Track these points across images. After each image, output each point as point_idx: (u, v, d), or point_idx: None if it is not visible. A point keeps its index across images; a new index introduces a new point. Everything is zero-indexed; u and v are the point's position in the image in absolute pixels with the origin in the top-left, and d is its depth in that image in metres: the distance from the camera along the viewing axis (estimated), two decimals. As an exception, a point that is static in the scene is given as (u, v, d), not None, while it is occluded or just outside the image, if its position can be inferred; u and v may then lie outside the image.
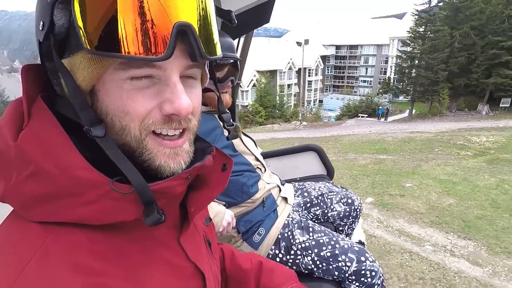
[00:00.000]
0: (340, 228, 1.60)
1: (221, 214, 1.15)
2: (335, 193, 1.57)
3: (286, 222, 1.34)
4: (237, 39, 1.99)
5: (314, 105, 46.61)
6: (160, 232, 0.48)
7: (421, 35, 26.74)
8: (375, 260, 1.20)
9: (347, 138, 14.25)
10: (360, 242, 1.74)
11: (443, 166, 6.97)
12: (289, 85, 42.85)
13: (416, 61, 27.18)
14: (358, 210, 1.58)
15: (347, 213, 1.55)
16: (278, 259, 1.27)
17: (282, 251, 1.28)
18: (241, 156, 1.34)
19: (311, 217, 1.55)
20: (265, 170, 1.43)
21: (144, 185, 0.39)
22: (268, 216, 1.33)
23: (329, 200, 1.55)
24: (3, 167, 0.38)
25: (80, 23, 0.34)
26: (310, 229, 1.29)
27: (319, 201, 1.55)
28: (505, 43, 22.28)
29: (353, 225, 1.62)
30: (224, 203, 1.26)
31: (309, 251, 1.24)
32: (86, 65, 0.37)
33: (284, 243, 1.29)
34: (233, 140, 1.28)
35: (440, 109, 26.15)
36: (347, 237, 1.59)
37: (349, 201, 1.56)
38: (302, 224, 1.32)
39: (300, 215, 1.50)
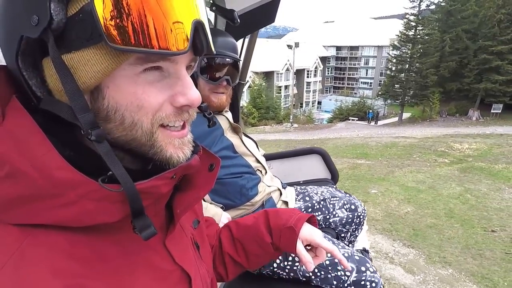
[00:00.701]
0: (342, 235, 1.56)
1: (218, 217, 1.13)
2: (338, 198, 1.53)
3: None
4: (242, 39, 1.97)
5: (312, 106, 46.66)
6: None
7: (411, 39, 26.68)
8: (376, 271, 1.16)
9: (332, 141, 14.28)
10: (364, 250, 1.70)
11: (415, 173, 7.01)
12: (286, 86, 42.95)
13: (406, 65, 27.07)
14: (361, 216, 1.54)
15: (350, 220, 1.51)
16: (275, 265, 1.23)
17: (280, 257, 1.25)
18: (241, 157, 1.31)
19: None
20: (266, 172, 1.41)
21: (131, 185, 0.38)
22: None
23: (331, 206, 1.51)
24: None
25: (104, 16, 0.33)
26: None
27: (321, 206, 1.51)
28: (495, 48, 21.89)
29: (356, 232, 1.59)
30: (222, 205, 1.24)
31: None
32: (99, 61, 0.36)
33: None
34: (233, 141, 1.28)
35: (430, 114, 25.90)
36: (350, 245, 1.58)
37: (352, 207, 1.52)
38: None
39: None
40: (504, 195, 5.08)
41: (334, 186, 1.71)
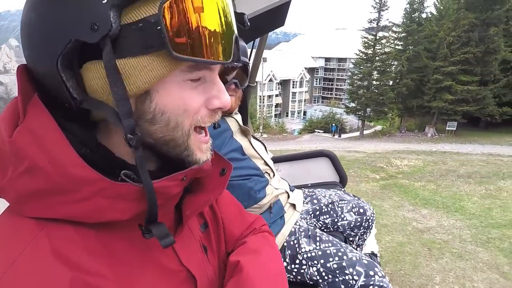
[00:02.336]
0: (351, 239, 1.53)
1: None
2: (346, 201, 1.51)
3: (293, 229, 1.31)
4: (251, 42, 1.98)
5: (298, 115, 47.66)
6: None
7: (369, 58, 27.70)
8: (385, 276, 1.15)
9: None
10: (373, 254, 1.68)
11: (338, 187, 7.18)
12: (269, 96, 44.27)
13: (365, 82, 28.02)
14: (370, 220, 1.51)
15: (358, 223, 1.49)
16: None
17: (287, 260, 1.24)
18: (250, 160, 1.31)
19: (320, 225, 1.49)
20: (274, 175, 1.40)
21: (150, 186, 0.41)
22: (274, 222, 1.30)
23: (339, 209, 1.49)
24: None
25: (169, 28, 0.36)
26: (318, 238, 1.25)
27: (329, 209, 1.49)
28: (446, 69, 22.66)
29: (365, 235, 1.56)
30: None
31: (315, 262, 1.19)
32: (155, 67, 0.38)
33: (289, 251, 1.25)
34: (242, 144, 1.27)
35: (388, 129, 26.79)
36: (358, 248, 1.55)
37: (361, 210, 1.50)
38: (310, 233, 1.28)
39: (308, 223, 1.45)
40: (400, 212, 4.97)
41: (343, 189, 1.70)
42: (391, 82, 27.25)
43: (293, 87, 46.55)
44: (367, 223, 1.51)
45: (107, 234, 0.43)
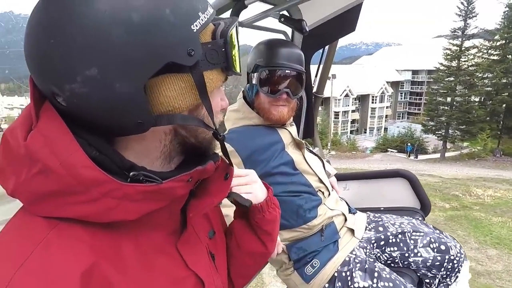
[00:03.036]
0: (427, 280, 1.27)
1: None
2: (422, 233, 1.26)
3: (348, 259, 1.16)
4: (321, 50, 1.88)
5: (378, 132, 44.91)
6: (159, 236, 0.51)
7: (452, 71, 24.64)
8: None
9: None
10: None
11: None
12: (345, 112, 42.95)
13: (448, 99, 24.82)
14: (456, 261, 1.23)
15: (438, 263, 1.22)
16: None
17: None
18: (302, 175, 1.21)
19: (385, 258, 1.28)
20: (329, 194, 1.27)
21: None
22: (326, 247, 1.17)
23: (412, 242, 1.25)
24: (14, 165, 0.40)
25: (234, 52, 0.49)
26: (376, 274, 1.08)
27: (397, 240, 1.27)
28: None
29: (448, 280, 1.27)
30: None
31: None
32: (217, 79, 0.49)
33: (340, 283, 1.11)
34: (294, 157, 1.20)
35: (478, 152, 22.96)
36: None
37: (442, 247, 1.23)
38: (367, 266, 1.11)
39: (368, 253, 1.25)
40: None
41: (420, 219, 1.44)
42: (479, 98, 23.98)
43: (372, 102, 43.99)
44: (451, 264, 1.23)
45: (116, 234, 0.44)
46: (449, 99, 24.80)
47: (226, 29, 0.48)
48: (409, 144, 28.70)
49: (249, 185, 0.71)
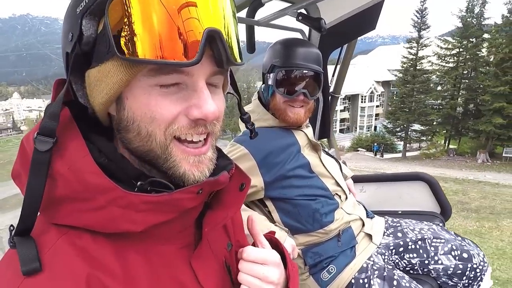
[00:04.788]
0: None
1: (280, 241, 1.01)
2: (443, 240, 1.21)
3: (365, 265, 1.12)
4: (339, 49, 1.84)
5: (368, 130, 46.24)
6: (169, 249, 0.47)
7: (407, 79, 26.12)
8: None
9: None
10: None
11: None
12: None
13: (406, 103, 26.34)
14: (478, 270, 1.17)
15: (460, 271, 1.17)
16: None
17: None
18: (318, 178, 1.17)
19: (404, 265, 1.23)
20: (346, 198, 1.23)
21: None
22: (343, 253, 1.14)
23: (432, 248, 1.20)
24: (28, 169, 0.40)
25: (112, 30, 0.36)
26: (395, 282, 1.04)
27: (417, 246, 1.22)
28: (495, 89, 19.79)
29: None
30: (287, 229, 1.13)
31: None
32: (116, 72, 0.38)
33: None
34: (310, 160, 1.16)
35: (434, 153, 25.01)
36: None
37: (465, 255, 1.17)
38: (385, 273, 1.07)
39: (386, 260, 1.21)
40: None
41: (441, 224, 1.39)
42: (439, 101, 25.65)
43: (362, 102, 44.68)
44: (473, 272, 1.17)
45: (123, 246, 0.42)
46: (406, 103, 26.32)
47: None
48: (375, 144, 30.27)
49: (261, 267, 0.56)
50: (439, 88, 25.67)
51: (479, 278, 1.19)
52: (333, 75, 1.94)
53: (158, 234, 0.45)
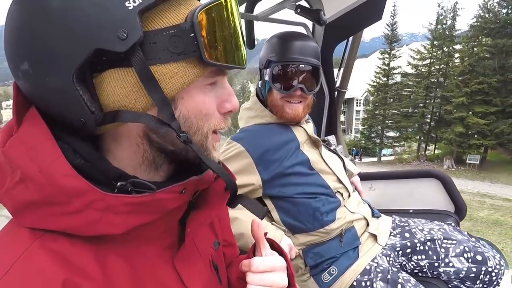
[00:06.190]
0: None
1: (276, 240, 0.96)
2: (455, 241, 1.13)
3: (368, 267, 1.07)
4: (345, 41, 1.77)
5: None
6: (152, 250, 0.46)
7: (379, 88, 27.59)
8: None
9: None
10: None
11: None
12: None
13: (376, 111, 28.02)
14: (494, 273, 1.09)
15: (473, 274, 1.09)
16: None
17: None
18: (318, 175, 1.13)
19: (412, 267, 1.17)
20: (349, 195, 1.18)
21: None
22: (345, 254, 1.10)
23: (443, 250, 1.13)
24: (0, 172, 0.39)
25: (203, 35, 0.39)
26: (399, 286, 0.99)
27: (426, 248, 1.15)
28: (456, 100, 21.27)
29: None
30: (284, 228, 1.10)
31: None
32: (186, 73, 0.40)
33: None
34: (310, 156, 1.12)
35: (405, 158, 26.67)
36: None
37: (478, 257, 1.10)
38: (389, 276, 1.03)
39: (392, 262, 1.15)
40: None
41: (453, 224, 1.31)
42: (410, 110, 27.18)
43: (357, 105, 46.17)
44: (488, 276, 1.10)
45: (103, 249, 0.41)
46: (381, 111, 27.94)
47: (194, 10, 0.39)
48: (354, 148, 31.56)
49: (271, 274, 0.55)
50: (412, 96, 26.93)
51: (495, 282, 1.11)
52: (339, 69, 1.89)
53: (140, 235, 0.44)
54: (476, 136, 21.74)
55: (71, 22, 0.35)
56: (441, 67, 25.14)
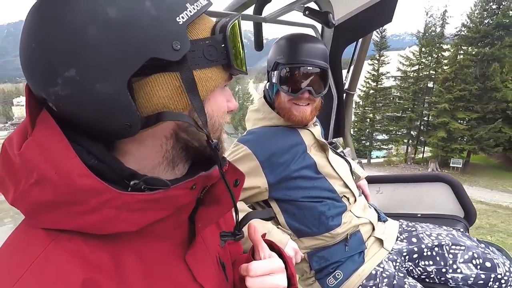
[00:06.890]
0: None
1: (281, 245, 0.99)
2: (464, 247, 1.11)
3: (374, 272, 1.06)
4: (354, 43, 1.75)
5: None
6: (164, 248, 0.48)
7: (368, 93, 28.50)
8: None
9: None
10: None
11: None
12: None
13: (367, 114, 28.99)
14: (504, 280, 1.06)
15: (481, 281, 1.06)
16: None
17: None
18: (325, 179, 1.12)
19: (419, 272, 1.15)
20: (355, 200, 1.17)
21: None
22: (350, 258, 1.09)
23: (451, 256, 1.10)
24: (13, 174, 0.39)
25: (231, 45, 0.45)
26: None
27: (433, 253, 1.13)
28: (440, 106, 22.20)
29: None
30: (290, 232, 1.10)
31: None
32: (217, 77, 0.46)
33: None
34: (316, 160, 1.11)
35: (394, 160, 27.74)
36: None
37: (488, 264, 1.07)
38: (395, 281, 1.01)
39: (398, 267, 1.13)
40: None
41: (462, 230, 1.30)
42: (399, 114, 28.12)
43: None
44: (497, 283, 1.07)
45: (117, 247, 0.42)
46: (370, 114, 29.05)
47: (225, 24, 0.45)
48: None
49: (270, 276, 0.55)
50: (401, 101, 27.78)
51: None
52: (348, 71, 1.87)
53: (153, 232, 0.46)
54: (459, 140, 22.76)
55: (129, 32, 0.37)
56: (429, 72, 26.06)
